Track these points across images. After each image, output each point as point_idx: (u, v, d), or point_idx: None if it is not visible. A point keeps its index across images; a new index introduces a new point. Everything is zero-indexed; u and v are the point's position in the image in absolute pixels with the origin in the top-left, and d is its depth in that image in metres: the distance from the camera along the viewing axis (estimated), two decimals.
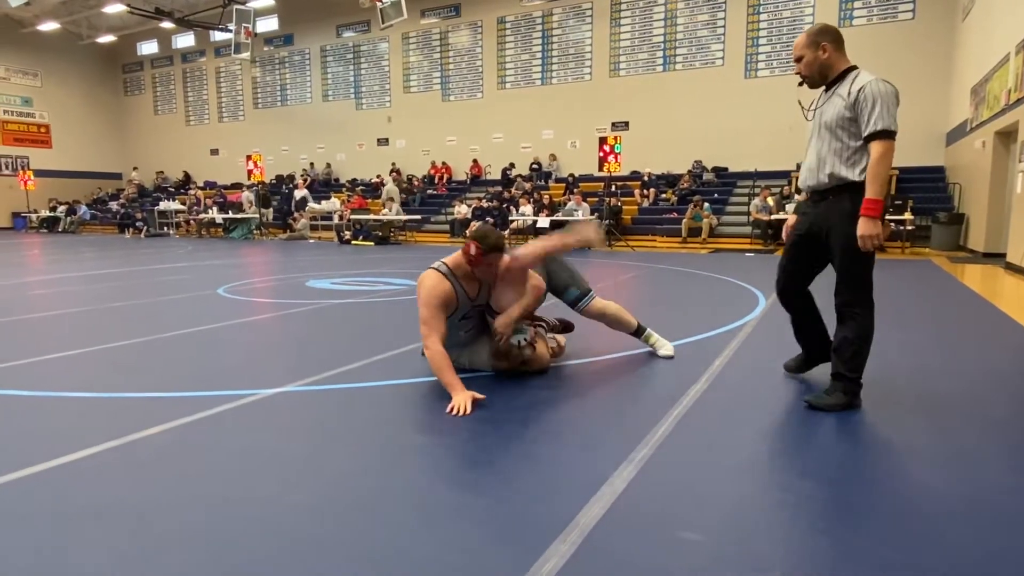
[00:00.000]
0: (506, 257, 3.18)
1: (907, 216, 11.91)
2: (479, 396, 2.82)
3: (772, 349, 4.02)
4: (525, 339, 3.30)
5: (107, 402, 3.00)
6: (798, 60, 2.88)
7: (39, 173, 23.41)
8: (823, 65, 2.84)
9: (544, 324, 3.69)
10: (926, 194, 13.29)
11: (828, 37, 2.83)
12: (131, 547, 1.72)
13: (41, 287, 7.43)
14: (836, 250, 2.85)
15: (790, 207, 12.86)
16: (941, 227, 12.07)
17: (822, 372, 3.20)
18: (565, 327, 3.97)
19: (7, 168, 24.10)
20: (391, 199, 15.93)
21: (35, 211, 22.94)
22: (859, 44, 14.32)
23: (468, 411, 2.73)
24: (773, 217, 12.94)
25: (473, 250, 3.04)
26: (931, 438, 2.51)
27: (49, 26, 22.33)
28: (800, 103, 3.11)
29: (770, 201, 13.14)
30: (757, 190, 13.95)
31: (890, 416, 2.77)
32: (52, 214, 22.47)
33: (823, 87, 2.90)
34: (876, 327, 2.89)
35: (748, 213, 13.65)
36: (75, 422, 2.74)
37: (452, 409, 2.72)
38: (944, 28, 13.79)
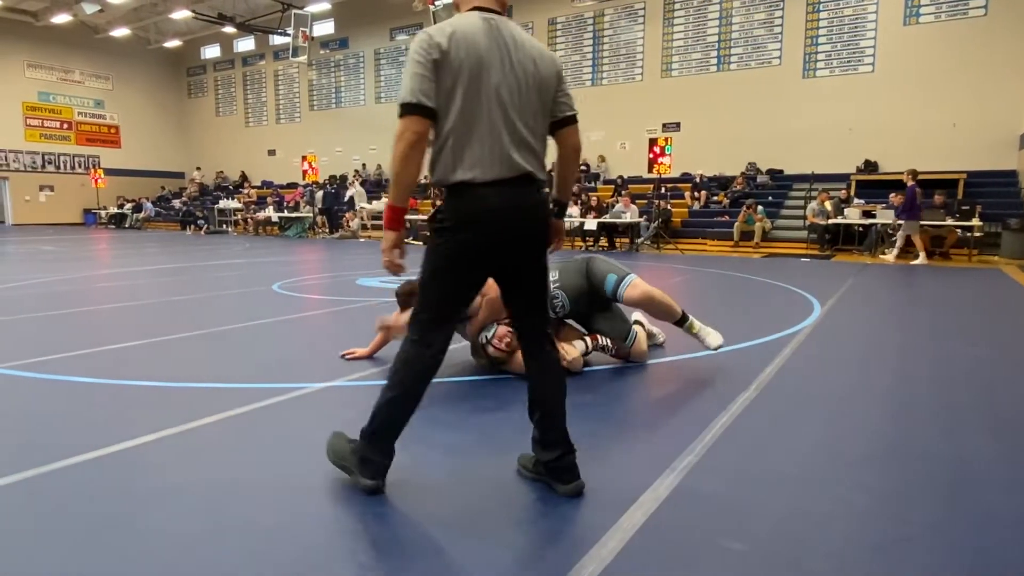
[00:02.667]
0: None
1: (975, 222, 11.33)
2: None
3: (827, 358, 3.89)
4: (487, 337, 3.37)
5: (167, 391, 3.12)
6: None
7: (109, 172, 24.59)
8: None
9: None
10: (996, 199, 12.62)
11: None
12: (187, 529, 1.78)
13: (108, 280, 7.81)
14: None
15: (849, 211, 12.43)
16: (1012, 234, 11.44)
17: (901, 388, 3.07)
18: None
19: (80, 167, 25.43)
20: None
21: (104, 208, 24.13)
22: (926, 42, 13.74)
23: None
24: (831, 222, 12.52)
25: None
26: (997, 458, 2.38)
27: (120, 32, 23.47)
28: None
29: (828, 205, 12.72)
30: (814, 193, 13.52)
31: (952, 433, 2.64)
32: (120, 211, 23.61)
33: None
34: (936, 338, 2.75)
35: (804, 217, 13.24)
36: (138, 409, 2.87)
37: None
38: (1018, 25, 13.06)
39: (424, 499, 2.00)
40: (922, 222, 11.34)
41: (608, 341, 3.64)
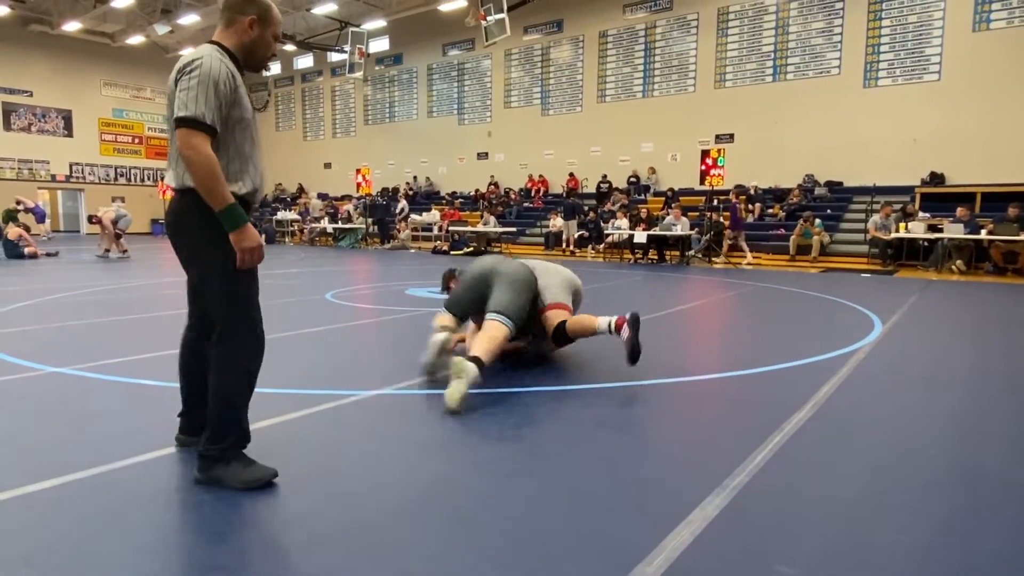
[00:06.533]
0: None
1: None
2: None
3: (888, 378, 3.73)
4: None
5: None
6: None
7: None
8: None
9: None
10: None
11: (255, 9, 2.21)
12: (236, 529, 1.84)
13: (173, 288, 8.16)
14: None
15: (913, 225, 11.92)
16: None
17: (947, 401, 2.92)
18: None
19: (149, 179, 26.76)
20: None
21: None
22: (997, 48, 13.13)
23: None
24: (894, 236, 12.03)
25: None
26: None
27: (188, 51, 24.63)
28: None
29: (891, 219, 12.23)
30: (876, 206, 13.03)
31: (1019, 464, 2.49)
32: None
33: None
34: (1007, 359, 2.61)
35: (865, 231, 12.76)
36: None
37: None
38: None
39: (463, 511, 2.00)
40: (992, 237, 10.80)
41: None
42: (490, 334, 3.31)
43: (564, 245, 15.92)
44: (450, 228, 17.02)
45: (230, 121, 2.07)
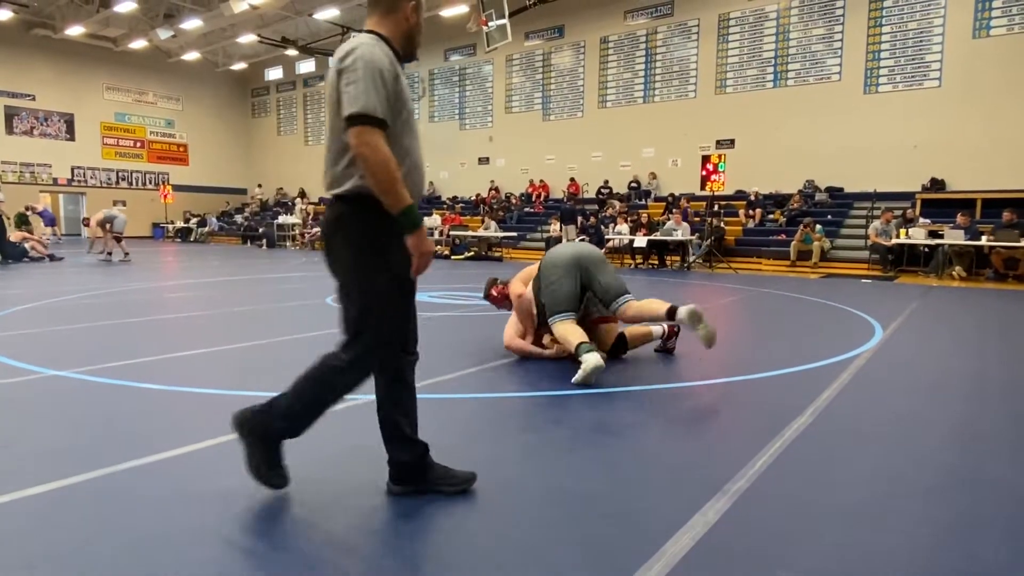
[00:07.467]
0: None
1: None
2: None
3: (888, 383, 3.72)
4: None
5: (226, 398, 3.23)
6: None
7: (177, 188, 25.82)
8: None
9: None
10: None
11: None
12: (238, 533, 1.83)
13: (174, 291, 8.17)
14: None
15: (914, 231, 11.92)
16: None
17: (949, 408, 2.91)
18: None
19: (150, 183, 26.81)
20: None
21: (171, 222, 25.33)
22: (998, 55, 13.15)
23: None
24: (894, 242, 12.03)
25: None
26: None
27: (191, 55, 24.80)
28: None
29: (891, 225, 12.23)
30: (876, 212, 13.03)
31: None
32: (186, 225, 24.74)
33: None
34: (1007, 365, 2.60)
35: (866, 236, 12.76)
36: (197, 415, 2.98)
37: None
38: None
39: (465, 516, 2.00)
40: (993, 244, 10.80)
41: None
42: (646, 306, 3.85)
43: None
44: (451, 232, 17.04)
45: (391, 114, 1.91)
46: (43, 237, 14.09)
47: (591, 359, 3.45)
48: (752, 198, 15.78)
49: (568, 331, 3.71)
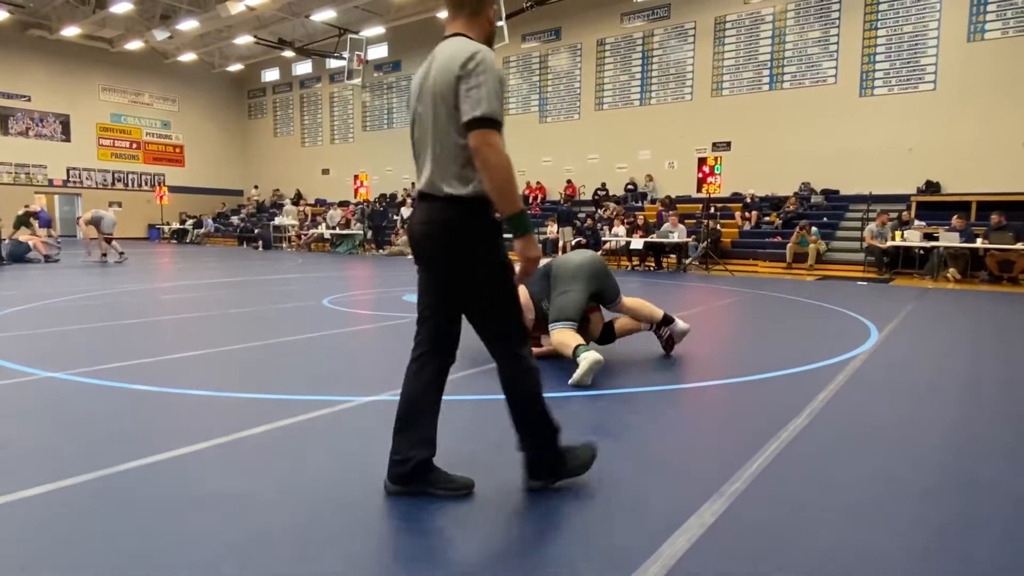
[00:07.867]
0: None
1: None
2: None
3: (884, 385, 3.73)
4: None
5: (220, 400, 3.23)
6: None
7: (172, 189, 25.75)
8: None
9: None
10: None
11: None
12: (233, 535, 1.83)
13: (170, 292, 8.14)
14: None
15: (909, 233, 11.97)
16: None
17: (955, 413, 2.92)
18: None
19: (146, 184, 26.74)
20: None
21: (167, 223, 25.27)
22: (992, 58, 13.22)
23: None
24: (889, 244, 12.07)
25: None
26: None
27: (187, 57, 24.77)
28: None
29: (887, 227, 12.28)
30: (872, 214, 13.07)
31: (1023, 467, 2.49)
32: (182, 226, 24.68)
33: None
34: (1002, 367, 2.62)
35: (861, 239, 12.81)
36: (192, 417, 2.97)
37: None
38: None
39: (464, 516, 2.00)
40: (988, 246, 10.84)
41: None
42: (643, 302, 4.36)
43: (560, 252, 15.94)
44: None
45: None
46: (46, 237, 14.01)
47: (589, 356, 3.54)
48: (748, 200, 15.82)
49: (567, 337, 3.83)
